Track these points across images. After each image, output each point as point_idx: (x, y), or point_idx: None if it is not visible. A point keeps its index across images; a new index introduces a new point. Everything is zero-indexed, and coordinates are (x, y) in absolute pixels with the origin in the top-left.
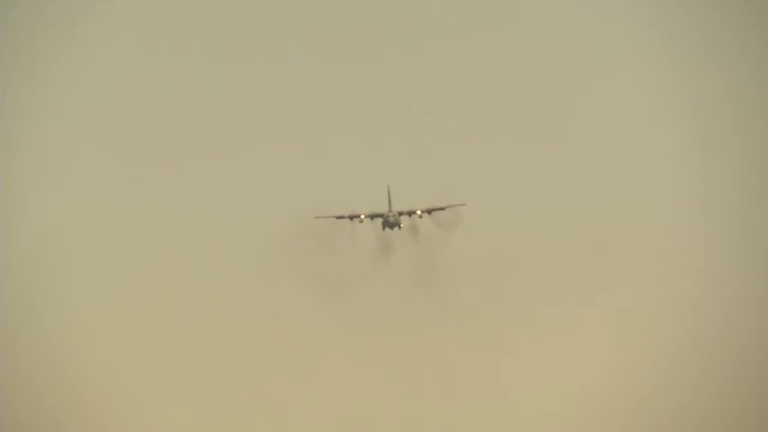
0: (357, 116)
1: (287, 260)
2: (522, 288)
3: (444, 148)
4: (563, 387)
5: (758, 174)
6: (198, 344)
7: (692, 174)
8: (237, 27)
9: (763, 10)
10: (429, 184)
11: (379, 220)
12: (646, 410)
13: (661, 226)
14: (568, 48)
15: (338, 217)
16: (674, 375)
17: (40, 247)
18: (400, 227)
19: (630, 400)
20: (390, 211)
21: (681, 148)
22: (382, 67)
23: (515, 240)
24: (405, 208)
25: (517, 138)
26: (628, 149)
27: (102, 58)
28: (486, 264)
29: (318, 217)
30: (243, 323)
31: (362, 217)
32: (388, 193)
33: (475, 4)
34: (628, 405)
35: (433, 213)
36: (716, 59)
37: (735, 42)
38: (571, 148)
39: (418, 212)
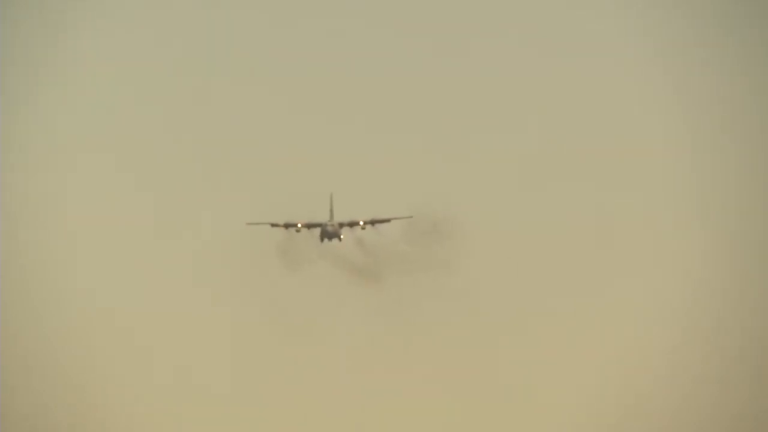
0: (313, 123)
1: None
2: (516, 293)
3: (418, 153)
4: (561, 393)
5: (760, 173)
6: (196, 346)
7: (698, 173)
8: (182, 34)
9: (762, 9)
10: (391, 194)
11: (318, 230)
12: (651, 413)
13: (664, 226)
14: (542, 46)
15: (272, 225)
16: (677, 376)
17: (40, 247)
18: (340, 239)
19: (633, 402)
20: (330, 220)
21: (683, 148)
22: (335, 68)
23: (507, 246)
24: (359, 219)
25: (504, 139)
26: (625, 150)
27: (102, 63)
28: (472, 273)
29: (249, 224)
30: (188, 325)
31: (299, 225)
32: (331, 202)
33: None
34: (631, 408)
35: (377, 225)
36: (718, 60)
37: (737, 42)
38: (564, 149)
39: (360, 223)
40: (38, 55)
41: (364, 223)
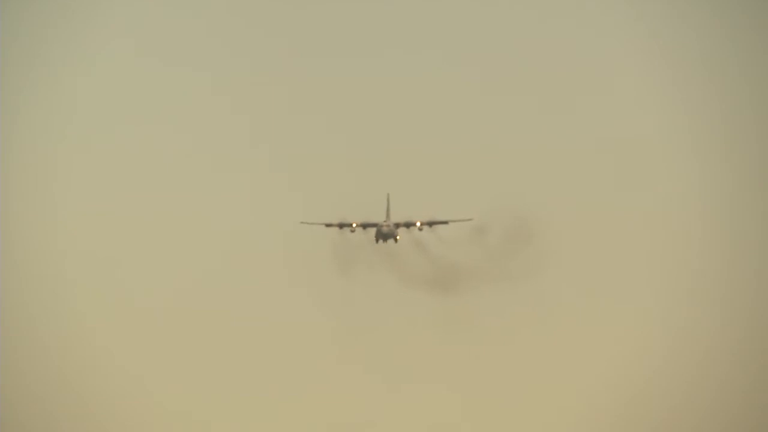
0: (363, 123)
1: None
2: (527, 289)
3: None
4: (571, 389)
5: (760, 174)
6: (199, 347)
7: (698, 173)
8: (231, 31)
9: (762, 9)
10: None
11: (373, 231)
12: (653, 413)
13: (665, 226)
14: (574, 50)
15: (327, 225)
16: (678, 376)
17: (41, 247)
18: (396, 240)
19: (644, 401)
20: (386, 220)
21: (687, 148)
22: (385, 68)
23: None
24: (416, 220)
25: (524, 138)
26: (636, 151)
27: (107, 60)
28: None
29: (303, 223)
30: (241, 326)
31: (354, 225)
32: (388, 201)
33: (481, 8)
34: (634, 407)
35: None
36: (717, 59)
37: (736, 42)
38: (580, 150)
39: (418, 224)
40: (38, 55)
41: (421, 224)
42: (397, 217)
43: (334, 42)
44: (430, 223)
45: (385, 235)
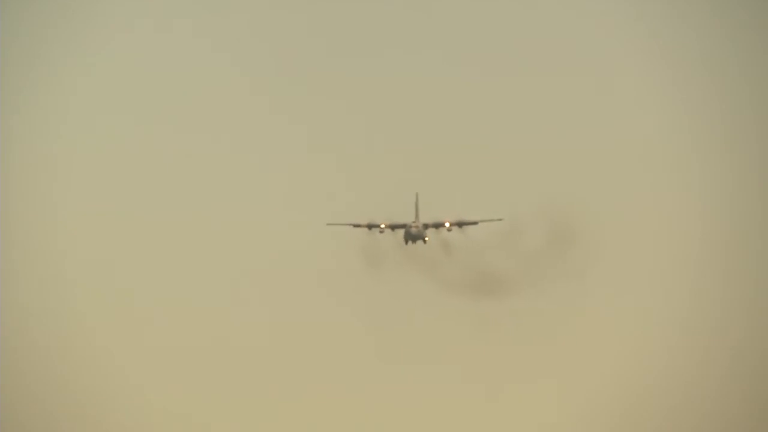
0: (390, 121)
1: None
2: (557, 290)
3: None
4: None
5: (760, 174)
6: (202, 348)
7: (698, 172)
8: (244, 28)
9: (762, 9)
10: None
11: (402, 232)
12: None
13: (665, 225)
14: (594, 50)
15: (354, 225)
16: (678, 376)
17: (41, 247)
18: (425, 241)
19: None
20: (415, 221)
21: (687, 148)
22: (413, 66)
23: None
24: (446, 220)
25: (546, 139)
26: (636, 151)
27: (107, 60)
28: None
29: (330, 224)
30: (252, 331)
31: (383, 226)
32: (416, 202)
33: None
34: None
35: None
36: (717, 59)
37: (736, 42)
38: (587, 150)
39: (447, 225)
40: (38, 55)
41: (451, 224)
42: (425, 217)
43: (360, 40)
44: (460, 224)
45: (414, 236)
